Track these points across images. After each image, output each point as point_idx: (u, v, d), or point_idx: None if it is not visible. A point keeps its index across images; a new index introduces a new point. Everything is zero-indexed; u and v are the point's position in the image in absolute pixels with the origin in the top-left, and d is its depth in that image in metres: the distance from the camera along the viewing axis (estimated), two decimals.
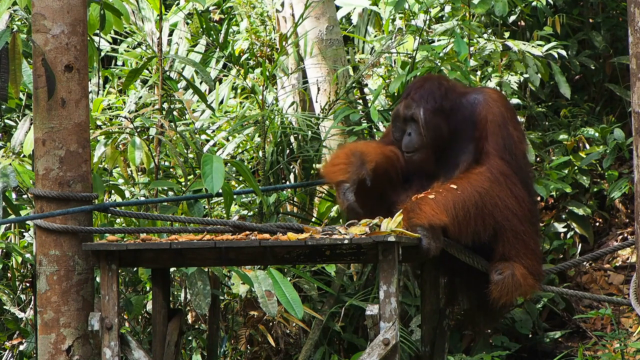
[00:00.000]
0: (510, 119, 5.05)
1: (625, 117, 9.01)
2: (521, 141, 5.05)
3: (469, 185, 4.85)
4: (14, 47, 5.11)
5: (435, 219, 4.76)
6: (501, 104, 5.09)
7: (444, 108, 5.07)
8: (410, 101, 5.10)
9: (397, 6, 7.93)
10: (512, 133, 5.01)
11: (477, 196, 4.83)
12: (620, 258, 8.79)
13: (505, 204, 4.87)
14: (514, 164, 4.97)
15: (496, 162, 4.94)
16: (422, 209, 4.78)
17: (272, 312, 5.97)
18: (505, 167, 4.93)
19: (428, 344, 5.29)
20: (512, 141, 5.00)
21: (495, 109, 5.05)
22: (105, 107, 7.44)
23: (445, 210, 4.78)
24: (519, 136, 5.05)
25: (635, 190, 4.84)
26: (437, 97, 5.07)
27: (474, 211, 4.81)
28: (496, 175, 4.90)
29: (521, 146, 5.04)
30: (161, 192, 6.80)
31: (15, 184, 5.94)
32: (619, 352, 7.05)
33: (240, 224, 5.00)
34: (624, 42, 9.10)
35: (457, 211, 4.78)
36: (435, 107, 5.06)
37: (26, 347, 6.84)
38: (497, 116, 5.03)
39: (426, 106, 5.06)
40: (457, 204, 4.79)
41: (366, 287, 7.53)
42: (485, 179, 4.88)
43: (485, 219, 4.84)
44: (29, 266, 7.19)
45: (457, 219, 4.79)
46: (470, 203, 4.81)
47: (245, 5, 8.99)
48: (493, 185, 4.86)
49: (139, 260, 5.07)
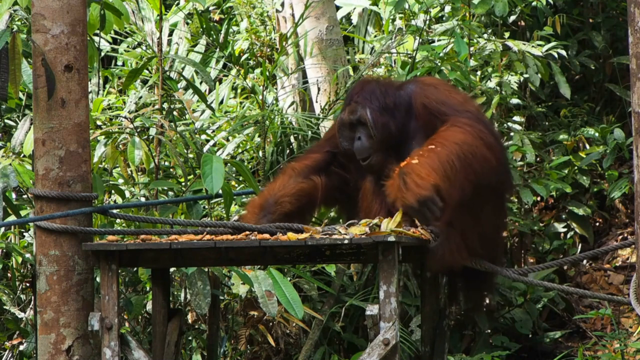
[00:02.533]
0: (447, 93, 5.03)
1: (625, 117, 9.00)
2: (467, 101, 5.02)
3: (444, 140, 4.81)
4: (14, 47, 5.11)
5: (426, 186, 4.71)
6: (433, 86, 5.08)
7: (388, 106, 5.05)
8: (355, 105, 5.09)
9: (397, 6, 7.93)
10: (454, 97, 4.99)
11: (457, 148, 4.79)
12: (620, 258, 8.79)
13: (482, 152, 4.83)
14: (473, 117, 4.93)
15: (457, 118, 4.90)
16: (410, 179, 4.73)
17: (272, 312, 5.97)
18: (467, 119, 4.89)
19: (428, 344, 5.30)
20: (457, 102, 4.98)
21: (427, 92, 5.04)
22: (105, 107, 7.44)
23: (433, 171, 4.74)
24: (461, 99, 5.02)
25: (635, 190, 4.84)
26: (379, 96, 5.07)
27: (459, 164, 4.77)
28: (464, 127, 4.86)
29: (468, 105, 4.99)
30: (161, 192, 6.80)
31: (15, 184, 5.94)
32: (619, 352, 7.05)
33: (240, 225, 5.00)
34: (624, 42, 9.10)
35: (445, 168, 4.74)
36: (380, 106, 5.05)
37: (26, 347, 6.84)
38: (431, 97, 5.01)
39: (371, 106, 5.05)
40: (443, 161, 4.74)
41: (366, 287, 7.53)
42: (457, 132, 4.84)
43: (467, 170, 4.80)
44: (29, 266, 7.19)
45: (446, 175, 4.75)
46: (454, 156, 4.77)
47: (245, 5, 8.99)
48: (466, 135, 4.83)
49: (139, 260, 5.08)
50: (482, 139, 4.84)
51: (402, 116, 5.05)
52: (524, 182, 7.92)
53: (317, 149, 5.39)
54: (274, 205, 5.16)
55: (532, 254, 8.58)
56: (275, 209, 5.16)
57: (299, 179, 5.24)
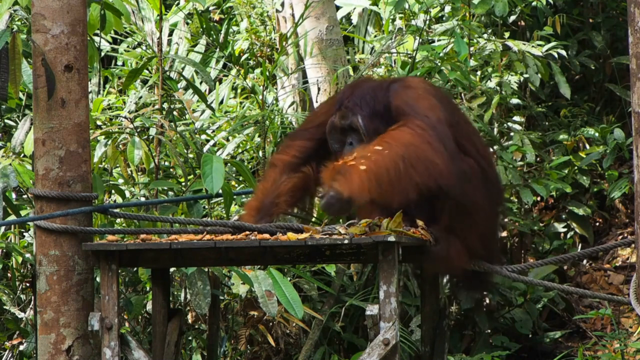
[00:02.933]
0: (417, 96, 5.00)
1: (625, 117, 9.01)
2: (433, 108, 4.97)
3: (392, 140, 4.79)
4: (14, 47, 5.12)
5: (360, 193, 4.69)
6: (411, 88, 5.05)
7: (378, 111, 5.03)
8: (345, 111, 5.06)
9: (397, 6, 7.94)
10: (422, 102, 4.96)
11: (402, 149, 4.76)
12: (620, 258, 8.79)
13: (427, 155, 4.81)
14: (429, 122, 4.88)
15: (412, 119, 4.88)
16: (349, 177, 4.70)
17: (272, 312, 5.97)
18: (421, 122, 4.86)
19: (428, 344, 5.29)
20: (422, 107, 4.94)
21: (402, 93, 5.02)
22: (105, 107, 7.44)
23: (372, 180, 4.71)
24: (428, 105, 4.97)
25: (635, 190, 4.85)
26: (369, 100, 5.05)
27: (402, 165, 4.75)
28: (414, 129, 4.83)
29: (431, 111, 4.94)
30: (161, 192, 6.80)
31: (15, 184, 5.95)
32: (619, 352, 7.05)
33: (240, 224, 5.00)
34: (624, 42, 9.10)
35: (385, 174, 4.73)
36: (371, 112, 5.03)
37: (26, 347, 6.84)
38: (403, 99, 4.99)
39: (362, 113, 5.03)
40: (384, 166, 4.73)
41: (366, 287, 7.53)
42: (406, 132, 4.82)
43: (411, 172, 4.77)
44: (29, 266, 7.19)
45: (387, 181, 4.73)
46: (398, 158, 4.74)
47: (245, 5, 8.99)
48: (414, 137, 4.80)
49: (139, 260, 5.08)
50: (429, 143, 4.82)
51: (390, 119, 5.03)
52: (524, 182, 7.92)
53: (302, 135, 5.32)
54: (271, 206, 5.15)
55: (532, 254, 8.58)
56: (273, 210, 5.15)
57: (290, 174, 5.21)
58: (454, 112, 5.16)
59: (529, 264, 5.40)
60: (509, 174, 7.66)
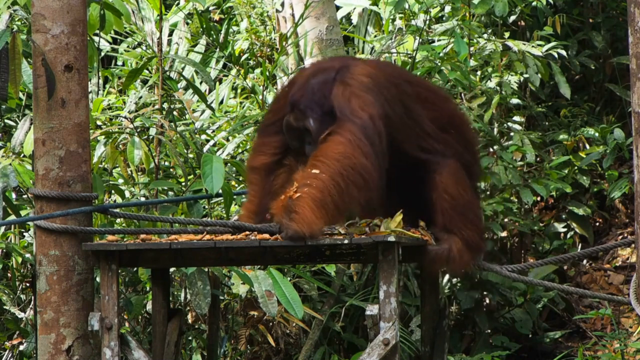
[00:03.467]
0: (351, 94, 4.94)
1: (625, 117, 9.01)
2: (365, 107, 4.91)
3: (326, 159, 4.78)
4: (14, 47, 5.11)
5: (317, 226, 4.72)
6: (347, 85, 4.98)
7: (328, 110, 4.98)
8: (298, 113, 5.03)
9: (397, 6, 7.94)
10: (355, 101, 4.91)
11: (338, 165, 4.76)
12: (620, 258, 8.79)
13: (360, 162, 4.80)
14: (358, 124, 4.85)
15: (342, 124, 4.85)
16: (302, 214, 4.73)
17: (272, 312, 5.97)
18: (351, 126, 4.83)
19: (428, 344, 5.29)
20: (354, 107, 4.90)
21: (339, 92, 4.96)
22: (105, 107, 7.44)
23: (321, 208, 4.73)
24: (361, 104, 4.92)
25: (635, 190, 4.85)
26: (319, 101, 5.00)
27: (342, 182, 4.76)
28: (344, 136, 4.81)
29: (362, 111, 4.89)
30: (161, 192, 6.80)
31: (15, 184, 5.95)
32: (619, 352, 7.05)
33: (240, 224, 4.99)
34: (624, 42, 9.10)
35: (329, 200, 4.74)
36: (322, 113, 4.98)
37: (26, 347, 6.84)
38: (338, 98, 4.94)
39: (313, 115, 4.98)
40: (327, 191, 4.74)
41: (366, 287, 7.53)
42: (336, 143, 4.80)
43: (350, 186, 4.77)
44: (29, 266, 7.19)
45: (332, 208, 4.74)
46: (337, 176, 4.75)
47: (245, 5, 8.99)
48: (345, 147, 4.79)
49: (139, 260, 5.07)
50: (359, 148, 4.80)
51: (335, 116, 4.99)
52: (524, 182, 7.92)
53: (272, 130, 5.24)
54: (267, 211, 5.12)
55: (532, 254, 8.59)
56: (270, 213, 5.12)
57: (276, 172, 5.16)
58: (402, 97, 5.07)
59: (529, 263, 5.40)
60: (509, 174, 7.66)
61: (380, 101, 4.97)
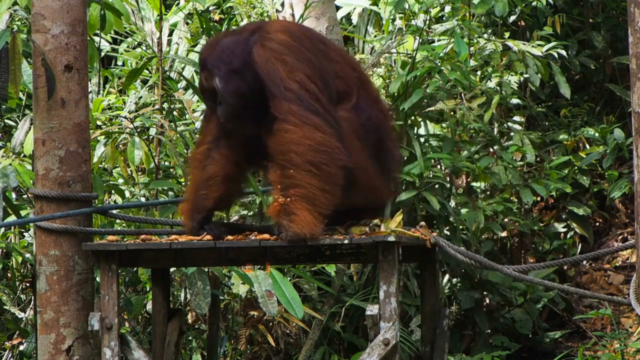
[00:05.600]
0: (275, 61, 4.81)
1: (625, 117, 9.01)
2: (292, 71, 4.78)
3: (288, 152, 4.70)
4: (14, 47, 5.12)
5: (317, 224, 4.69)
6: (271, 50, 4.84)
7: (236, 68, 4.82)
8: (206, 73, 4.87)
9: (397, 6, 7.93)
10: (281, 67, 4.78)
11: (301, 156, 4.68)
12: (620, 258, 8.79)
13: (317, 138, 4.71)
14: (296, 100, 4.75)
15: (281, 105, 4.75)
16: (299, 216, 4.69)
17: (272, 312, 5.98)
18: (295, 107, 4.73)
19: (428, 344, 5.29)
20: (281, 75, 4.77)
21: (263, 57, 4.81)
22: (105, 107, 7.45)
23: (313, 205, 4.70)
24: (287, 70, 4.79)
25: (635, 190, 4.85)
26: (226, 58, 4.83)
27: (316, 170, 4.69)
28: (291, 120, 4.71)
29: (290, 80, 4.77)
30: (161, 192, 6.80)
31: (15, 184, 5.95)
32: (619, 352, 7.05)
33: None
34: (624, 42, 9.10)
35: (317, 194, 4.69)
36: (228, 70, 4.82)
37: (26, 347, 6.85)
38: (265, 67, 4.80)
39: (219, 74, 4.81)
40: (310, 188, 4.68)
41: (366, 287, 7.53)
42: (291, 133, 4.70)
43: (321, 165, 4.71)
44: (29, 266, 7.19)
45: (323, 199, 4.71)
46: (309, 166, 4.68)
47: (245, 5, 8.99)
48: (299, 131, 4.70)
49: (139, 260, 5.07)
50: (308, 125, 4.71)
51: (252, 74, 4.83)
52: (524, 182, 7.92)
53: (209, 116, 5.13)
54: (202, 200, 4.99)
55: (532, 254, 8.59)
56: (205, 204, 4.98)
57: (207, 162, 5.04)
58: (317, 53, 4.94)
59: (529, 265, 5.39)
60: (509, 174, 7.66)
61: (305, 56, 4.84)
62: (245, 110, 4.85)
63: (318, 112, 4.77)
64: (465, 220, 7.44)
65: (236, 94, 4.81)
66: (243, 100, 4.83)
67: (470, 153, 7.58)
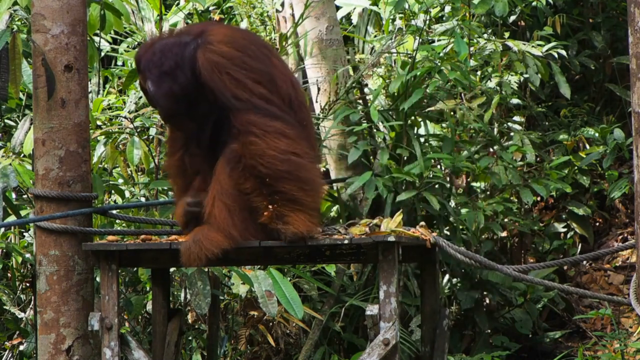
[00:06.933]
0: (224, 67, 4.79)
1: (625, 117, 9.01)
2: (240, 86, 4.77)
3: (260, 160, 4.72)
4: (14, 47, 5.12)
5: (309, 223, 4.74)
6: (213, 52, 4.81)
7: (166, 70, 4.81)
8: (141, 75, 4.91)
9: (397, 6, 7.93)
10: (225, 81, 4.76)
11: (269, 160, 4.71)
12: (620, 258, 8.79)
13: (280, 147, 4.74)
14: (258, 110, 4.76)
15: (240, 117, 4.75)
16: (294, 217, 4.74)
17: (272, 312, 5.98)
18: (249, 116, 4.74)
19: (428, 344, 5.29)
20: (231, 92, 4.76)
21: (205, 61, 4.78)
22: (105, 107, 7.45)
23: (302, 206, 4.76)
24: (234, 83, 4.78)
25: (635, 190, 4.85)
26: (157, 61, 4.82)
27: (287, 170, 4.73)
28: (252, 131, 4.72)
29: (242, 94, 4.77)
30: (161, 192, 6.80)
31: (15, 184, 5.95)
32: (619, 352, 7.05)
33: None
34: (624, 42, 9.10)
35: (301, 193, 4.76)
36: (159, 73, 4.82)
37: (26, 347, 6.85)
38: (207, 68, 4.77)
39: (151, 77, 4.83)
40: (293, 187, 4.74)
41: (366, 287, 7.53)
42: (251, 143, 4.71)
43: (292, 167, 4.75)
44: (29, 266, 7.19)
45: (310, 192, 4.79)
46: (282, 173, 4.72)
47: (245, 5, 8.99)
48: (261, 143, 4.71)
49: (139, 260, 5.08)
50: (270, 133, 4.72)
51: (187, 76, 4.81)
52: (524, 182, 7.92)
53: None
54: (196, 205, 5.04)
55: (532, 254, 8.59)
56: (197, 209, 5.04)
57: (185, 170, 5.07)
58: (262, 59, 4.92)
59: (529, 265, 5.39)
60: (509, 174, 7.65)
61: (250, 64, 4.82)
62: (180, 109, 4.85)
63: (275, 115, 4.79)
64: (465, 220, 7.44)
65: (168, 96, 4.83)
66: (176, 101, 4.84)
67: (470, 153, 7.58)
